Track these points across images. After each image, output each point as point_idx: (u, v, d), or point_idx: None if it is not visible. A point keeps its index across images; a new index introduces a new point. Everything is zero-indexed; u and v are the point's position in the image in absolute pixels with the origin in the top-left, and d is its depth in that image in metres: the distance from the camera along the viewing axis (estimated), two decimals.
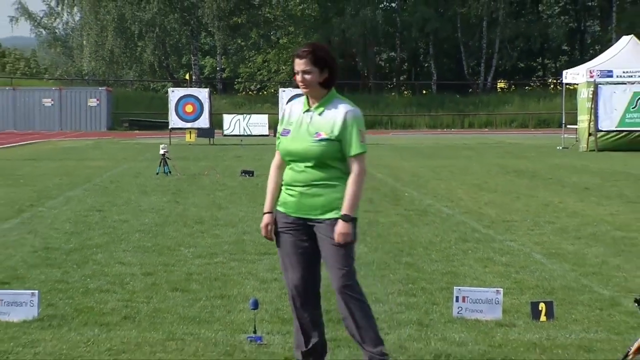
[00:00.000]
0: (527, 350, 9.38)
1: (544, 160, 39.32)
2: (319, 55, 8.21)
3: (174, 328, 10.25)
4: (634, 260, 14.42)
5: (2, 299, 10.72)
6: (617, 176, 30.68)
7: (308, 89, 8.24)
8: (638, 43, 54.03)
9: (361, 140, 8.20)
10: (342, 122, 8.17)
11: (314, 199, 8.25)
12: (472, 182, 28.60)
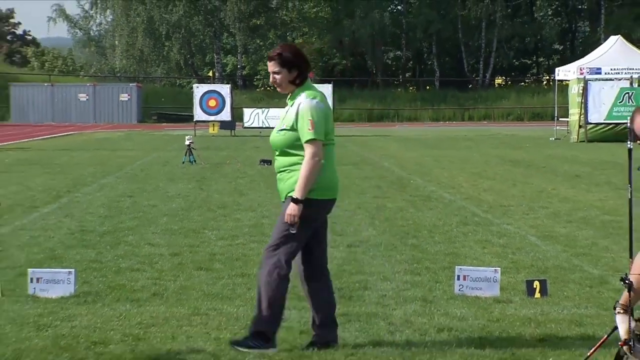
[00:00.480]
0: (523, 325, 9.37)
1: (538, 151, 39.26)
2: (286, 57, 8.39)
3: (199, 304, 10.25)
4: (621, 242, 14.39)
5: (42, 277, 10.75)
6: (605, 165, 30.63)
7: (280, 87, 8.51)
8: (625, 43, 54.00)
9: (309, 128, 8.26)
10: (295, 113, 8.34)
11: (282, 183, 8.49)
12: (471, 171, 28.58)
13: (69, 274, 10.82)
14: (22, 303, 10.29)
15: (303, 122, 8.29)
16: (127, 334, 9.03)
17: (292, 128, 8.35)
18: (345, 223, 16.86)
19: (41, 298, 10.51)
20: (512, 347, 8.53)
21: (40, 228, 16.16)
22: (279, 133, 8.44)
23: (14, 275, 11.43)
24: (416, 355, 8.26)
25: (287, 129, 8.37)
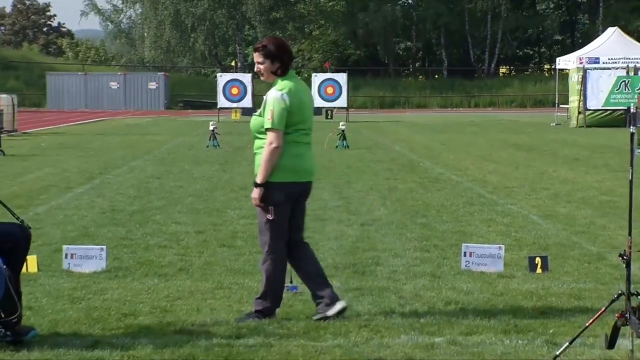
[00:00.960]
0: (525, 298, 9.36)
1: (539, 135, 39.18)
2: (270, 49, 8.52)
3: (222, 278, 10.27)
4: (617, 220, 14.36)
5: (76, 253, 10.78)
6: (603, 149, 30.55)
7: (263, 77, 8.64)
8: (622, 34, 53.88)
9: (269, 117, 8.42)
10: (264, 102, 8.52)
11: (256, 163, 8.58)
12: (477, 154, 28.54)
13: (101, 251, 10.85)
14: (57, 277, 10.32)
15: (266, 111, 8.48)
16: (155, 306, 9.05)
17: (260, 114, 8.59)
18: (359, 203, 16.86)
19: (75, 273, 10.53)
20: (515, 319, 8.53)
21: (74, 207, 16.20)
22: (253, 117, 8.68)
23: (49, 252, 11.46)
24: (425, 327, 8.26)
25: (258, 115, 8.60)
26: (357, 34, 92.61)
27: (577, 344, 7.28)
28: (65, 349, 7.52)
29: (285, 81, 8.59)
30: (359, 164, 25.30)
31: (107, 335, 8.04)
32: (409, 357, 7.36)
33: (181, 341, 7.78)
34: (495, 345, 7.72)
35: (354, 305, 9.07)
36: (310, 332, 8.12)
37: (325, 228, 13.93)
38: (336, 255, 11.73)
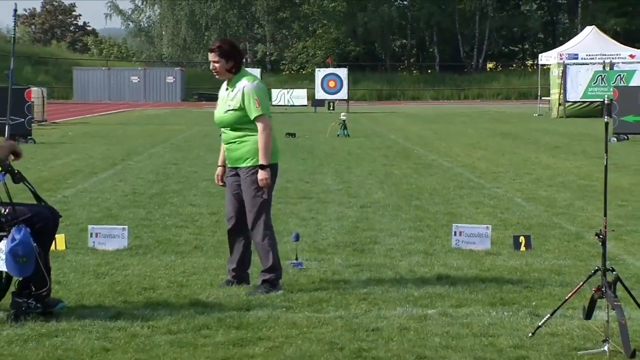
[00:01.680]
0: (510, 274, 9.36)
1: (523, 125, 39.17)
2: (224, 49, 8.64)
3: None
4: (594, 202, 14.36)
5: (100, 232, 10.78)
6: (581, 137, 30.54)
7: (219, 75, 8.73)
8: (598, 32, 53.87)
9: (257, 105, 8.59)
10: (241, 95, 8.58)
11: (233, 152, 8.70)
12: (466, 142, 28.53)
13: (123, 230, 10.85)
14: (83, 255, 10.33)
15: (250, 102, 8.57)
16: (172, 281, 9.05)
17: (239, 108, 8.60)
18: (358, 187, 16.86)
19: (99, 250, 10.54)
20: (501, 292, 8.53)
21: (98, 191, 16.21)
22: (226, 113, 8.67)
23: (76, 231, 11.47)
24: (418, 300, 8.26)
25: (235, 109, 8.61)
26: (357, 33, 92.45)
27: (557, 315, 7.27)
28: (90, 320, 7.53)
29: (249, 75, 8.79)
30: (358, 151, 25.30)
31: (129, 307, 8.05)
32: (404, 327, 7.36)
33: (196, 313, 7.78)
34: (483, 316, 7.72)
35: (353, 280, 9.08)
36: (314, 304, 8.12)
37: (328, 210, 13.93)
38: (337, 234, 11.73)
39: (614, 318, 6.68)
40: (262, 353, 6.67)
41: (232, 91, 8.66)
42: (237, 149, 8.67)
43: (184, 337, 7.07)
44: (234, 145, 8.68)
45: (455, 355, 6.59)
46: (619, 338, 6.58)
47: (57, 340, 7.00)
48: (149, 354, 6.67)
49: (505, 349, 6.75)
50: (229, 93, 8.69)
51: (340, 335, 7.14)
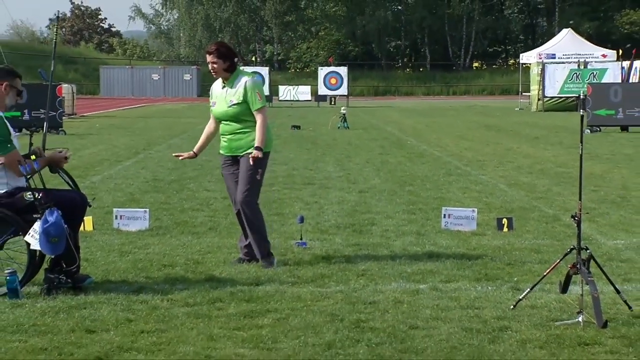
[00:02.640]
0: (494, 252, 9.35)
1: (506, 118, 39.13)
2: (221, 51, 8.69)
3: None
4: (570, 188, 14.35)
5: (124, 215, 10.79)
6: (558, 129, 30.51)
7: (217, 74, 8.75)
8: (574, 34, 53.91)
9: (259, 99, 8.71)
10: (244, 90, 8.66)
11: (239, 141, 8.76)
12: (455, 134, 28.50)
13: (144, 213, 10.86)
14: (108, 235, 10.33)
15: (253, 95, 8.67)
16: (189, 259, 9.05)
17: (243, 102, 8.66)
18: (357, 174, 16.85)
19: (123, 231, 10.54)
20: (486, 269, 8.53)
21: (122, 177, 16.22)
22: (230, 108, 8.70)
23: (102, 214, 11.47)
24: (411, 276, 8.27)
25: (239, 103, 8.66)
26: (356, 35, 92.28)
27: (536, 290, 7.27)
28: (115, 294, 7.53)
29: (246, 72, 8.92)
30: (357, 141, 25.28)
31: (150, 282, 8.05)
32: (398, 300, 7.36)
33: (210, 287, 7.78)
34: (469, 290, 7.71)
35: (352, 258, 9.08)
36: (317, 280, 8.13)
37: (329, 194, 13.92)
38: (338, 217, 11.72)
39: (587, 292, 6.68)
40: (270, 324, 6.68)
41: (232, 88, 8.73)
42: (240, 139, 8.75)
43: (200, 309, 7.08)
44: (237, 135, 8.76)
45: (445, 326, 6.59)
46: (592, 310, 6.57)
47: (85, 311, 7.01)
48: (168, 324, 6.67)
49: (490, 320, 6.75)
50: (228, 90, 8.75)
51: (340, 307, 7.14)
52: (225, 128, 8.83)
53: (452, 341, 6.21)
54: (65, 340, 6.22)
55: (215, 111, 8.89)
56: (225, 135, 8.84)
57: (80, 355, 5.91)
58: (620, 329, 6.49)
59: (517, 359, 5.80)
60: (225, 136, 8.84)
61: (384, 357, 5.84)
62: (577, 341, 6.20)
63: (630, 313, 6.92)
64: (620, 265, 8.66)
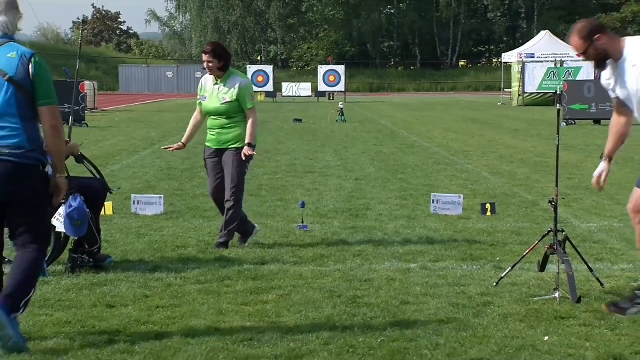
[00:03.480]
0: (478, 234, 9.36)
1: (489, 112, 39.10)
2: (217, 52, 8.60)
3: (251, 219, 10.25)
4: (547, 176, 14.34)
5: (141, 200, 10.80)
6: (537, 122, 30.48)
7: (212, 72, 8.67)
8: (551, 36, 53.83)
9: (251, 99, 8.68)
10: (238, 90, 8.60)
11: (225, 136, 8.67)
12: (443, 126, 28.48)
13: (159, 198, 10.86)
14: (127, 219, 10.34)
15: (246, 95, 8.62)
16: (200, 240, 9.06)
17: (235, 100, 8.59)
18: (354, 163, 16.85)
19: (140, 215, 10.55)
20: (471, 250, 8.53)
21: (139, 166, 16.21)
22: (223, 105, 8.64)
23: (121, 199, 11.46)
24: (403, 256, 8.27)
25: (232, 101, 8.60)
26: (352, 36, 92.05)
27: (517, 269, 7.27)
28: (133, 272, 7.54)
29: (238, 73, 8.88)
30: (353, 133, 25.26)
31: (164, 261, 8.06)
32: (391, 278, 7.36)
33: (220, 266, 7.79)
34: (456, 269, 7.72)
35: (349, 239, 9.08)
36: (317, 259, 8.13)
37: (329, 182, 13.92)
38: (336, 202, 11.72)
39: (563, 271, 6.68)
40: (274, 299, 6.68)
41: (225, 85, 8.67)
42: (228, 132, 8.68)
43: (210, 287, 7.08)
44: (226, 129, 8.69)
45: (433, 302, 6.59)
46: (568, 287, 6.58)
47: (106, 288, 7.01)
48: (181, 300, 6.68)
49: (474, 296, 6.75)
50: (221, 87, 8.69)
51: (338, 285, 7.15)
52: (214, 122, 8.76)
53: (440, 315, 6.21)
54: (88, 314, 6.23)
55: (207, 106, 8.80)
56: (214, 130, 8.76)
57: (101, 328, 5.91)
58: (593, 304, 6.50)
59: (499, 332, 5.80)
60: (214, 130, 8.76)
61: (378, 329, 5.85)
62: (553, 315, 6.20)
63: (602, 289, 6.93)
64: (593, 246, 8.67)
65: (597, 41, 6.03)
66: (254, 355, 5.31)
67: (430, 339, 5.62)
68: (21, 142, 5.35)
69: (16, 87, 5.36)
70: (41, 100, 5.41)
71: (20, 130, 5.36)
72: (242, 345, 5.50)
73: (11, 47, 5.44)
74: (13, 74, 5.36)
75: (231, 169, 8.64)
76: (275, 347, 5.46)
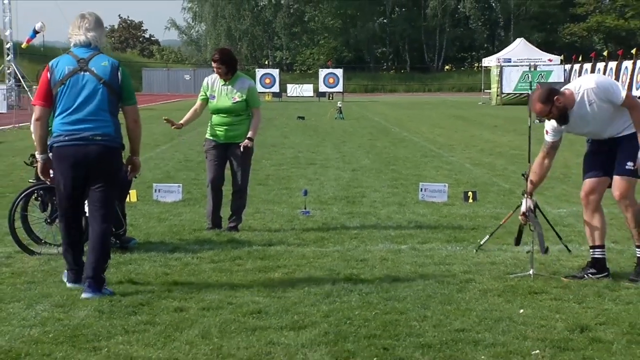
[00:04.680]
0: (461, 219, 9.35)
1: (471, 110, 39.05)
2: (223, 59, 8.65)
3: (259, 206, 10.26)
4: (523, 167, 14.24)
5: (161, 189, 10.80)
6: (513, 119, 30.44)
7: (221, 76, 8.69)
8: (526, 43, 53.90)
9: (258, 99, 8.79)
10: (247, 90, 8.64)
11: (233, 132, 8.66)
12: (430, 123, 28.45)
13: (178, 187, 10.86)
14: (149, 205, 10.33)
15: (254, 96, 8.69)
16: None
17: (244, 100, 8.60)
18: (351, 156, 16.83)
19: (161, 202, 10.54)
20: (455, 233, 8.52)
21: (160, 158, 16.20)
22: (235, 104, 8.62)
23: (144, 188, 11.46)
24: (394, 238, 8.26)
25: (241, 100, 8.60)
26: (349, 43, 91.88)
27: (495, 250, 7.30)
28: (155, 252, 7.53)
29: (244, 75, 8.91)
30: (350, 129, 25.23)
31: (182, 243, 8.05)
32: (384, 258, 7.35)
33: (232, 247, 7.78)
34: (441, 250, 7.71)
35: (347, 223, 9.07)
36: (318, 241, 8.12)
37: (328, 173, 13.91)
38: (335, 190, 11.71)
39: (537, 251, 6.68)
40: (279, 277, 6.67)
41: (234, 86, 8.67)
42: (236, 129, 8.68)
43: (223, 265, 7.07)
44: (234, 126, 8.68)
45: (421, 279, 6.59)
46: (541, 265, 6.56)
47: (130, 267, 7.01)
48: (197, 277, 6.67)
49: (458, 274, 6.74)
50: (229, 87, 8.69)
51: (337, 264, 7.14)
52: (222, 120, 8.73)
53: (427, 291, 6.21)
54: (115, 289, 6.22)
55: (217, 104, 8.73)
56: (222, 126, 8.73)
57: (126, 301, 5.91)
58: (563, 280, 6.49)
59: (479, 305, 5.80)
60: (222, 127, 8.73)
61: (372, 303, 5.84)
62: (527, 290, 6.20)
63: (570, 267, 6.92)
64: (562, 229, 8.65)
65: (557, 102, 6.46)
66: (262, 326, 5.30)
67: (418, 312, 5.61)
68: (110, 131, 6.22)
69: (108, 90, 6.17)
70: (127, 101, 6.37)
71: (110, 122, 6.23)
72: (251, 317, 5.50)
73: (102, 57, 6.20)
74: (107, 78, 6.15)
75: (240, 161, 8.64)
76: (281, 319, 5.46)
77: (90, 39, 6.22)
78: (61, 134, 6.09)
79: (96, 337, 5.08)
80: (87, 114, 6.13)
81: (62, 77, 6.10)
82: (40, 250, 7.53)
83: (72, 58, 6.17)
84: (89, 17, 6.27)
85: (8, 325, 5.34)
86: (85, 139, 6.09)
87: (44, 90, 6.14)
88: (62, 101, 6.11)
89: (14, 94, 38.39)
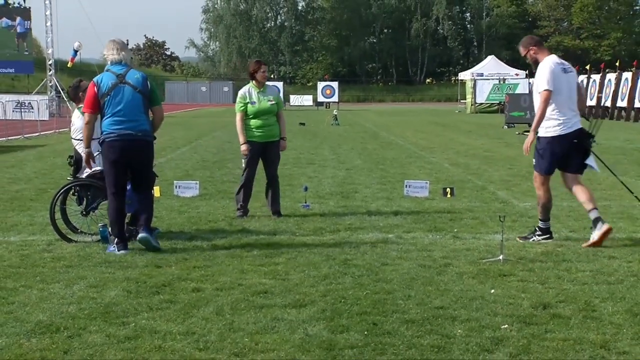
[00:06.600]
0: (441, 212, 9.32)
1: (449, 117, 39.02)
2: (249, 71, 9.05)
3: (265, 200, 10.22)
4: (494, 167, 14.31)
5: (181, 185, 10.77)
6: (485, 126, 30.44)
7: (264, 80, 8.97)
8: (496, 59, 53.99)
9: (283, 103, 9.27)
10: (277, 94, 9.01)
11: (271, 132, 8.83)
12: (414, 128, 28.42)
13: (196, 184, 10.83)
14: (171, 199, 10.30)
15: (281, 100, 9.05)
16: (226, 216, 9.03)
17: (276, 103, 8.85)
18: (345, 157, 16.81)
19: (181, 197, 10.51)
20: (435, 223, 8.50)
21: (180, 159, 16.17)
22: (272, 105, 8.82)
23: (166, 184, 11.43)
24: (383, 228, 8.24)
25: (275, 103, 8.83)
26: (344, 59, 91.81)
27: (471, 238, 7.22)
28: (176, 240, 7.52)
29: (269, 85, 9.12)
30: (345, 134, 25.21)
31: (200, 232, 8.03)
32: (373, 245, 7.34)
33: (241, 236, 7.77)
34: (423, 238, 7.69)
35: (342, 215, 9.05)
36: (317, 231, 8.11)
37: (325, 171, 13.89)
38: (331, 187, 11.69)
39: (506, 239, 6.65)
40: (283, 262, 6.66)
41: (267, 92, 8.89)
42: (273, 129, 8.87)
43: (234, 252, 7.06)
44: (271, 127, 8.85)
45: (406, 263, 6.57)
46: (509, 251, 6.54)
47: (154, 253, 6.98)
48: (212, 261, 6.66)
49: (438, 259, 6.73)
50: (263, 94, 8.87)
51: (333, 250, 7.12)
52: (262, 122, 8.80)
53: (411, 274, 6.20)
54: (141, 273, 6.21)
55: (260, 107, 8.80)
56: (262, 128, 8.81)
57: (151, 283, 5.90)
58: (528, 264, 6.49)
59: (456, 286, 5.79)
60: (262, 128, 8.81)
61: (363, 284, 5.83)
62: (498, 273, 6.19)
63: (535, 252, 6.91)
64: (528, 220, 8.64)
65: (531, 51, 7.26)
66: (268, 304, 5.29)
67: (403, 292, 5.60)
68: (147, 128, 7.06)
69: (142, 96, 7.00)
70: (155, 103, 7.15)
71: (146, 121, 7.05)
72: (258, 297, 5.49)
73: (134, 72, 7.07)
74: (141, 87, 6.99)
75: (275, 156, 8.92)
76: (284, 298, 5.45)
77: (122, 57, 7.09)
78: (111, 132, 6.90)
79: (124, 313, 5.08)
80: (129, 116, 6.93)
81: (107, 90, 6.93)
82: (77, 239, 7.53)
83: (112, 74, 7.00)
84: (118, 41, 7.18)
85: (49, 303, 5.34)
86: (129, 135, 6.90)
87: (92, 100, 6.94)
88: (110, 107, 6.92)
89: (55, 103, 38.41)
